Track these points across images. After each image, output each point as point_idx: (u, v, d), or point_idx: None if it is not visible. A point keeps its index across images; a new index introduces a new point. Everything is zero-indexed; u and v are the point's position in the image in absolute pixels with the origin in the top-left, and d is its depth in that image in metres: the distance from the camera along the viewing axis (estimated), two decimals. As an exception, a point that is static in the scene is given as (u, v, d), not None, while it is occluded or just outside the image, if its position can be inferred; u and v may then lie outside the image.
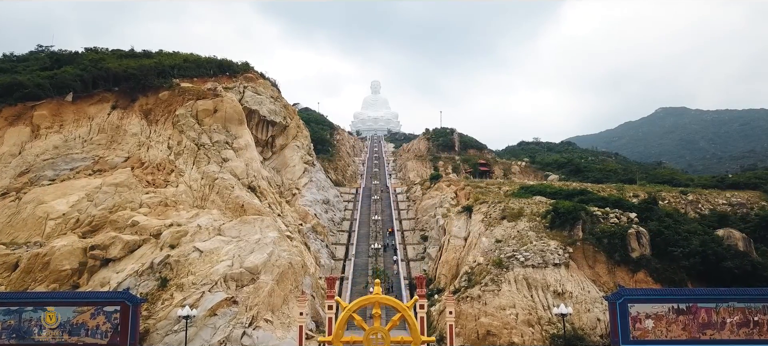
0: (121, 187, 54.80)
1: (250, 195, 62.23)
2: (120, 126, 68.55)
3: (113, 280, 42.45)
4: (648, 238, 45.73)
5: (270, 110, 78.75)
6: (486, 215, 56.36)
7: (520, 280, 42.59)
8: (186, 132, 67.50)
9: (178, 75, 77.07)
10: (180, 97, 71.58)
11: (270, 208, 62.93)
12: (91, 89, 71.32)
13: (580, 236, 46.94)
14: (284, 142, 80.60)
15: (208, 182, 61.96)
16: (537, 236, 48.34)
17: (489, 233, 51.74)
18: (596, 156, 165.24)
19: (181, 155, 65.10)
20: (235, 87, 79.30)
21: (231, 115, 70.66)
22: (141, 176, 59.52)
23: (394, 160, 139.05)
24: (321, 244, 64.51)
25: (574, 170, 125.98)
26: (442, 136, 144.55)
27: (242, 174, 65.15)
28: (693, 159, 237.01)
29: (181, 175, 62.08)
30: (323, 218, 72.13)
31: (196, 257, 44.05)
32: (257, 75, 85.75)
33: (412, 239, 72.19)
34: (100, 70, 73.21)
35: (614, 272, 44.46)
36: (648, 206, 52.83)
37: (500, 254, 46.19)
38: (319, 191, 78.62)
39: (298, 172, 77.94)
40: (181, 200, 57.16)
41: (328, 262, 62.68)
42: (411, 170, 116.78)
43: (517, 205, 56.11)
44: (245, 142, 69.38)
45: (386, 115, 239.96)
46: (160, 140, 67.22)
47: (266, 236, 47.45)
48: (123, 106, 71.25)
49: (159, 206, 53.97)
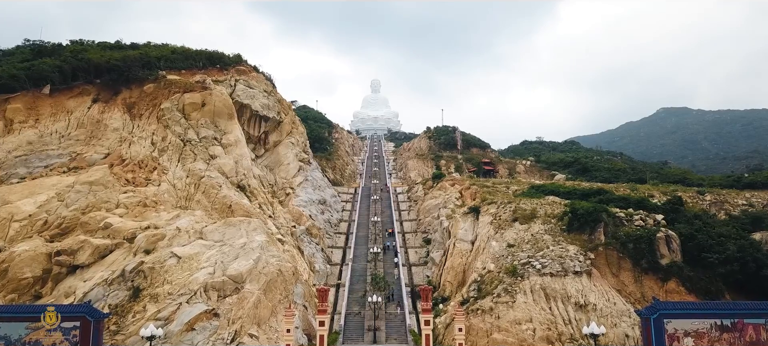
0: (97, 185, 50.09)
1: (238, 195, 57.58)
2: (100, 120, 63.93)
3: (79, 289, 37.80)
4: (678, 243, 41.04)
5: (263, 105, 74.06)
6: (495, 216, 51.71)
7: (537, 290, 37.89)
8: (171, 127, 62.86)
9: (165, 67, 72.36)
10: (166, 90, 66.91)
11: (260, 208, 58.27)
12: (71, 82, 66.65)
13: (602, 240, 42.24)
14: (278, 139, 75.86)
15: (193, 181, 57.31)
16: (554, 240, 43.67)
17: (499, 236, 47.06)
18: (602, 156, 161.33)
19: (166, 152, 60.47)
20: (226, 80, 74.61)
21: (220, 109, 66.01)
22: (120, 174, 54.83)
23: (395, 160, 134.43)
24: (316, 247, 59.81)
25: (582, 170, 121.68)
26: (444, 134, 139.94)
27: (231, 172, 60.49)
28: (696, 159, 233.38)
29: (165, 173, 57.42)
30: (319, 220, 67.42)
31: (174, 263, 39.37)
32: (250, 68, 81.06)
33: (413, 241, 67.48)
34: (81, 61, 68.49)
35: (641, 280, 39.76)
36: (673, 207, 48.17)
37: (513, 261, 41.50)
38: (315, 190, 73.93)
39: (292, 170, 73.23)
40: (163, 200, 52.50)
41: (324, 267, 57.99)
42: (412, 169, 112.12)
43: (530, 206, 51.46)
44: (235, 138, 64.71)
45: (386, 115, 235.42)
46: (143, 136, 62.57)
47: (253, 239, 42.76)
48: (105, 99, 66.57)
49: (137, 207, 49.30)
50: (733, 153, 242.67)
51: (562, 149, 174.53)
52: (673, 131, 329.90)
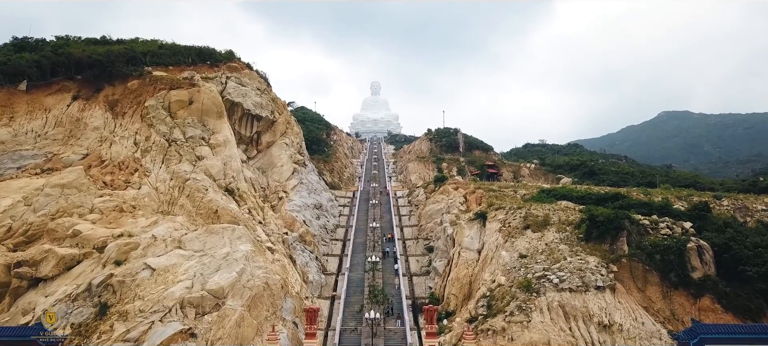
0: (69, 188, 45.84)
1: (226, 199, 53.38)
2: (80, 119, 59.82)
3: (39, 306, 33.55)
4: (712, 254, 36.77)
5: (255, 103, 69.84)
6: (504, 223, 47.48)
7: (554, 308, 33.63)
8: (156, 126, 58.68)
9: (152, 63, 68.32)
10: (151, 87, 62.75)
11: (250, 214, 54.05)
12: (50, 78, 62.64)
13: (625, 250, 37.96)
14: (271, 140, 71.64)
15: (177, 183, 53.11)
16: (570, 250, 39.41)
17: (510, 245, 42.81)
18: (607, 159, 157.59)
19: (149, 152, 56.27)
20: (217, 77, 70.42)
21: (208, 107, 61.81)
22: (97, 176, 50.63)
23: (395, 162, 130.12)
24: (310, 256, 55.54)
25: (588, 173, 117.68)
26: (445, 136, 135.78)
27: (219, 174, 56.30)
28: (699, 163, 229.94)
29: (147, 175, 53.22)
30: (314, 226, 63.13)
31: (147, 276, 35.12)
32: (242, 65, 76.91)
33: (415, 249, 63.19)
34: (61, 56, 64.41)
35: (671, 296, 35.49)
36: (700, 214, 43.92)
37: (527, 274, 37.22)
38: (310, 194, 69.65)
39: (286, 172, 68.99)
40: (143, 205, 48.25)
41: (318, 277, 53.70)
42: (412, 172, 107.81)
43: (541, 211, 47.21)
44: (224, 138, 60.51)
45: (386, 117, 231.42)
46: (125, 135, 58.41)
47: (237, 249, 38.51)
48: (86, 96, 62.46)
49: (113, 212, 45.06)
50: (735, 157, 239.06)
51: (566, 152, 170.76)
52: (675, 135, 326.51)
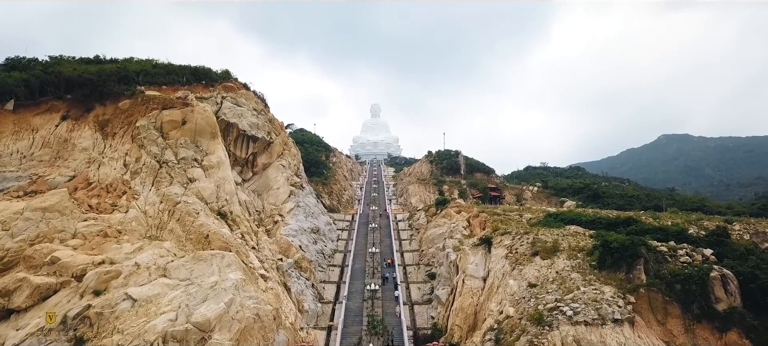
0: (51, 212, 43.34)
1: (218, 223, 50.86)
2: (68, 139, 57.58)
3: (9, 340, 30.87)
4: (737, 284, 34.20)
5: (251, 124, 67.71)
6: (510, 249, 44.92)
7: (569, 343, 30.93)
8: (147, 147, 56.46)
9: (145, 82, 66.31)
10: (143, 107, 60.66)
11: (243, 238, 51.52)
12: (38, 97, 60.44)
13: (643, 279, 35.36)
14: (267, 161, 69.35)
15: (167, 207, 50.66)
16: (583, 279, 36.81)
17: (518, 273, 40.20)
18: (609, 181, 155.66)
19: (139, 174, 53.95)
20: (212, 97, 68.43)
21: (202, 127, 59.67)
22: (82, 199, 48.16)
23: (395, 185, 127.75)
24: (305, 283, 52.83)
25: (592, 196, 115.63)
26: (446, 158, 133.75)
27: (211, 197, 53.88)
28: (700, 186, 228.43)
29: (135, 197, 50.79)
30: (310, 251, 60.50)
31: (127, 307, 32.47)
32: (238, 85, 74.97)
33: (416, 275, 60.47)
34: (50, 74, 62.41)
35: (694, 330, 32.80)
36: (718, 240, 41.38)
37: (538, 305, 34.58)
38: (307, 218, 67.13)
39: (282, 195, 66.55)
40: (129, 229, 45.76)
41: (314, 306, 50.93)
42: (413, 195, 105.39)
43: (550, 237, 44.70)
44: (218, 160, 58.22)
45: (386, 139, 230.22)
46: (115, 156, 56.12)
47: (226, 277, 35.90)
48: (75, 116, 60.32)
49: (96, 237, 42.53)
50: (737, 180, 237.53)
51: (567, 175, 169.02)
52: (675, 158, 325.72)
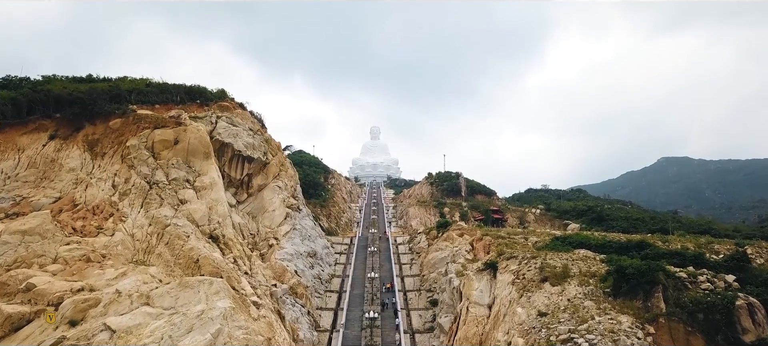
0: (31, 235, 41.02)
1: (210, 247, 48.42)
2: (55, 159, 55.45)
3: (-26, 376, 28.30)
4: (764, 312, 31.77)
5: (247, 144, 65.66)
6: (517, 274, 42.49)
7: (585, 378, 28.39)
8: (137, 167, 54.28)
9: (138, 101, 64.43)
10: (134, 126, 58.63)
11: (235, 263, 49.04)
12: (26, 116, 58.53)
13: (662, 308, 32.93)
14: (263, 182, 67.13)
15: (156, 230, 48.29)
16: (598, 307, 34.36)
17: (527, 301, 37.74)
18: (612, 204, 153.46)
19: (128, 195, 51.67)
20: (207, 117, 66.45)
21: (195, 147, 57.56)
22: (66, 221, 45.83)
23: (395, 207, 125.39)
24: (301, 310, 50.22)
25: (596, 219, 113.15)
26: (447, 180, 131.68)
27: (203, 220, 51.52)
28: (701, 209, 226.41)
29: (123, 220, 48.44)
30: (307, 276, 57.95)
31: (105, 339, 29.96)
32: (234, 104, 73.09)
33: (417, 302, 57.84)
34: (39, 93, 60.59)
35: (719, 363, 30.30)
36: (738, 265, 39.00)
37: (550, 335, 32.09)
38: (303, 241, 64.67)
39: (278, 217, 64.19)
40: (115, 253, 43.34)
41: (310, 335, 48.27)
42: (413, 218, 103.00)
43: (559, 261, 42.30)
44: (210, 180, 56.00)
45: (386, 161, 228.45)
46: (103, 177, 53.90)
47: (214, 305, 33.43)
48: (64, 135, 58.29)
49: (79, 262, 40.12)
50: (738, 203, 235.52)
51: (569, 197, 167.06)
52: (675, 180, 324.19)
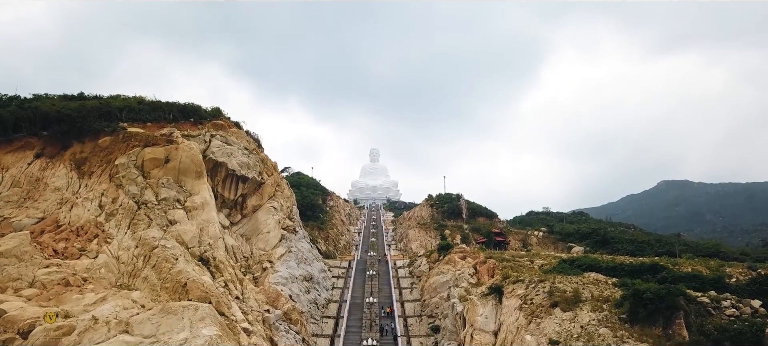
0: (7, 257, 38.59)
1: (199, 270, 45.91)
2: (40, 179, 53.23)
3: (-70, 413, 25.61)
4: (796, 341, 29.29)
5: (241, 163, 63.48)
6: (525, 299, 39.95)
7: (605, 415, 25.76)
8: (125, 186, 52.04)
9: (129, 119, 62.29)
10: (124, 144, 56.53)
11: (226, 287, 46.49)
12: (12, 133, 56.41)
13: (685, 336, 30.43)
14: (258, 203, 64.79)
15: (143, 252, 45.86)
16: (614, 335, 31.81)
17: (535, 327, 35.18)
18: (615, 227, 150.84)
19: (114, 216, 49.34)
20: (200, 135, 64.36)
21: (186, 166, 55.37)
22: (47, 243, 43.42)
23: (394, 229, 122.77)
24: (295, 338, 47.51)
25: (600, 241, 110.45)
26: (447, 202, 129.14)
27: (193, 241, 49.12)
28: (703, 233, 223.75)
29: (108, 241, 46.00)
30: (302, 301, 55.29)
31: (77, 371, 27.33)
32: (230, 123, 71.05)
33: (418, 328, 55.10)
34: (26, 110, 58.61)
35: (750, 397, 27.71)
36: (763, 288, 36.58)
37: (563, 366, 29.45)
38: (299, 264, 62.08)
39: (272, 239, 61.68)
40: (97, 277, 40.85)
41: (304, 363, 45.47)
42: (413, 240, 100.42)
43: (569, 285, 39.81)
44: (202, 201, 53.70)
45: (385, 184, 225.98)
46: (90, 197, 51.61)
47: (199, 333, 30.86)
48: (50, 154, 56.14)
49: (57, 286, 37.61)
50: (739, 226, 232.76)
51: (571, 220, 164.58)
52: (676, 204, 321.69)
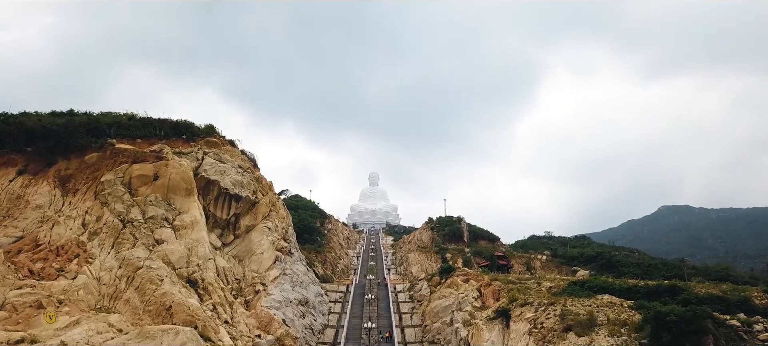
0: (-23, 278, 35.79)
1: (186, 292, 43.08)
2: (22, 196, 50.78)
3: None
4: (841, 369, 26.56)
5: (235, 181, 60.93)
6: (534, 323, 37.11)
7: None
8: (110, 204, 49.52)
9: (118, 135, 59.86)
10: (111, 161, 54.21)
11: (215, 310, 43.59)
12: (-6, 150, 54.23)
13: (715, 363, 27.62)
14: (251, 223, 62.09)
15: (126, 272, 43.13)
16: (636, 362, 28.91)
17: (549, 354, 32.21)
18: (619, 251, 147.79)
19: (98, 235, 46.73)
20: (192, 153, 61.86)
21: (176, 183, 52.88)
22: (24, 263, 40.70)
23: (394, 253, 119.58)
24: (288, 365, 44.37)
25: (606, 265, 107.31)
26: (448, 225, 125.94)
27: (180, 262, 46.36)
28: (705, 258, 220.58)
29: (89, 261, 43.26)
30: (297, 326, 52.25)
31: (39, 403, 24.40)
32: (224, 141, 68.70)
33: (419, 355, 51.92)
34: (10, 125, 56.43)
35: None
36: (791, 311, 33.79)
37: (582, 398, 26.55)
38: (294, 287, 59.11)
39: (266, 261, 58.83)
40: (75, 299, 38.02)
41: (297, 394, 42.30)
42: (414, 264, 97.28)
43: (582, 308, 37.00)
44: (192, 219, 51.05)
45: (385, 208, 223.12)
46: (73, 215, 49.06)
47: (178, 361, 27.94)
48: (34, 170, 53.73)
49: (28, 309, 34.77)
50: (742, 251, 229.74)
51: (574, 244, 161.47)
52: (677, 229, 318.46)
